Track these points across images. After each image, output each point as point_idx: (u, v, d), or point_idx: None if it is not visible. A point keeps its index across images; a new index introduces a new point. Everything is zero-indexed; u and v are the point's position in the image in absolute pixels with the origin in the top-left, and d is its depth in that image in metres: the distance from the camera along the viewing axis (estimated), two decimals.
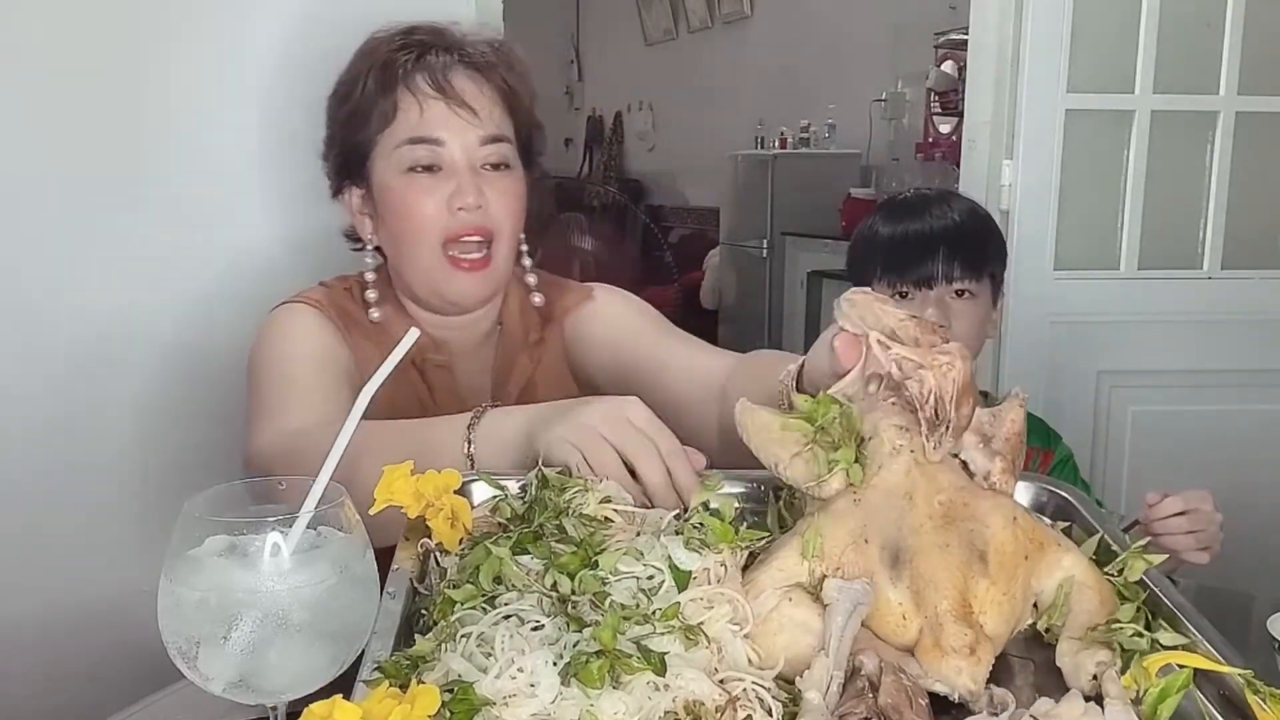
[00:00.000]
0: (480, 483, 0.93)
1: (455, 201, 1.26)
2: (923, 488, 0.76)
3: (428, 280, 1.30)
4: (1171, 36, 2.30)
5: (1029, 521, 0.78)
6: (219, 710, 0.74)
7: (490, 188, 1.28)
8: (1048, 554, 0.77)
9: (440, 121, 1.27)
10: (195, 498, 0.71)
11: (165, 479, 1.62)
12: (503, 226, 1.30)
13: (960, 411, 0.78)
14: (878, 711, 0.63)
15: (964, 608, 0.71)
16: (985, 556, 0.74)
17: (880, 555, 0.74)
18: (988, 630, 0.72)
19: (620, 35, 7.43)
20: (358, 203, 1.34)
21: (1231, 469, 2.28)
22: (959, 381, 0.77)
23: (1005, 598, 0.73)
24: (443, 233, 1.27)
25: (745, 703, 0.66)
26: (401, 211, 1.28)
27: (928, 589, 0.72)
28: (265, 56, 1.68)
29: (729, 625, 0.72)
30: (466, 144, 1.28)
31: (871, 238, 1.64)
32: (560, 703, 0.64)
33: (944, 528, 0.75)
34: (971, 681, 0.69)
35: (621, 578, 0.74)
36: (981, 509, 0.76)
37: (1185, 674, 0.66)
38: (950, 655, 0.69)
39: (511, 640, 0.68)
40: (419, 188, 1.27)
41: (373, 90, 1.28)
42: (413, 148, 1.27)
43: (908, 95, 5.11)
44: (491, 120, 1.30)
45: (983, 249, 1.61)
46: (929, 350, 0.78)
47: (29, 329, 1.54)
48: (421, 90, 1.27)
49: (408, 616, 0.77)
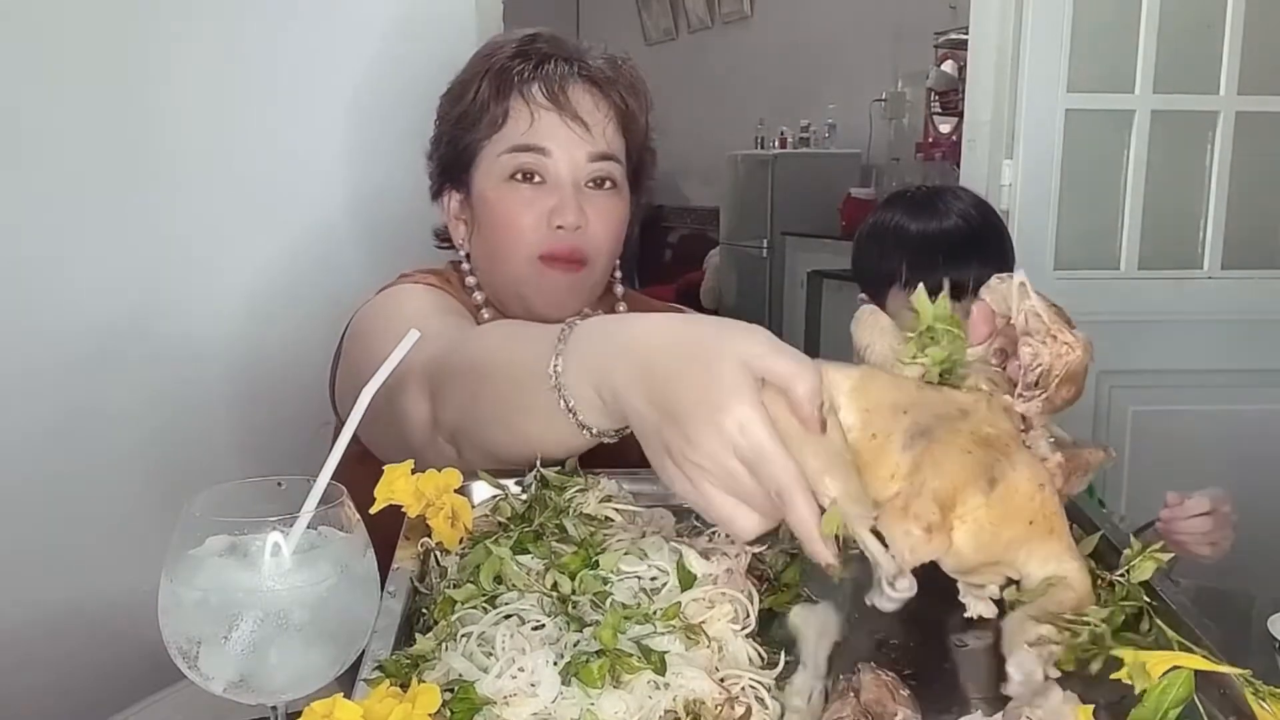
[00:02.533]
0: (480, 482, 0.93)
1: (555, 218, 1.22)
2: (981, 414, 0.76)
3: (518, 289, 1.26)
4: (1171, 36, 2.30)
5: (1055, 503, 0.77)
6: (219, 710, 0.74)
7: (592, 206, 1.24)
8: (1053, 544, 0.76)
9: (550, 132, 1.23)
10: (195, 497, 0.71)
11: (165, 479, 1.62)
12: (600, 248, 1.25)
13: (1059, 392, 0.78)
14: (862, 711, 0.64)
15: (948, 498, 0.71)
16: (994, 483, 0.73)
17: (908, 426, 0.73)
18: (956, 537, 0.71)
19: (620, 35, 7.42)
20: (455, 207, 1.31)
21: (1231, 469, 2.28)
22: (1071, 366, 0.77)
23: (990, 526, 0.73)
24: (538, 247, 1.23)
25: (743, 700, 0.66)
26: (499, 221, 1.24)
27: (928, 465, 0.72)
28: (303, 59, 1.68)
29: (730, 625, 0.72)
30: (574, 158, 1.24)
31: (895, 233, 1.59)
32: (561, 702, 0.64)
33: (976, 444, 0.74)
34: (909, 552, 0.69)
35: (624, 577, 0.74)
36: (1019, 458, 0.76)
37: (1186, 674, 0.66)
38: (909, 520, 0.69)
39: (512, 639, 0.68)
40: (519, 198, 1.24)
41: (486, 95, 1.25)
42: (517, 155, 1.24)
43: (908, 95, 5.11)
44: (603, 137, 1.26)
45: (1003, 245, 1.60)
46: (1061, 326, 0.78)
47: (32, 332, 1.54)
48: (535, 99, 1.24)
49: (408, 616, 0.77)
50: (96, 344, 1.59)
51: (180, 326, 1.65)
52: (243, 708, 0.71)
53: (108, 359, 1.60)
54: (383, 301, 1.23)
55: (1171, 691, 0.65)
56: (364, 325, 1.22)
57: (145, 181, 1.62)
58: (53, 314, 1.56)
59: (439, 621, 0.73)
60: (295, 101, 1.70)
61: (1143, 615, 0.80)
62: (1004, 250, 1.59)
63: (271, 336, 1.70)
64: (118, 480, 1.62)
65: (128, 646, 1.16)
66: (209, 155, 1.66)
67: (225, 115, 1.66)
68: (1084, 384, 0.79)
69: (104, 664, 1.44)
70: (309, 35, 1.71)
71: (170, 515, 0.71)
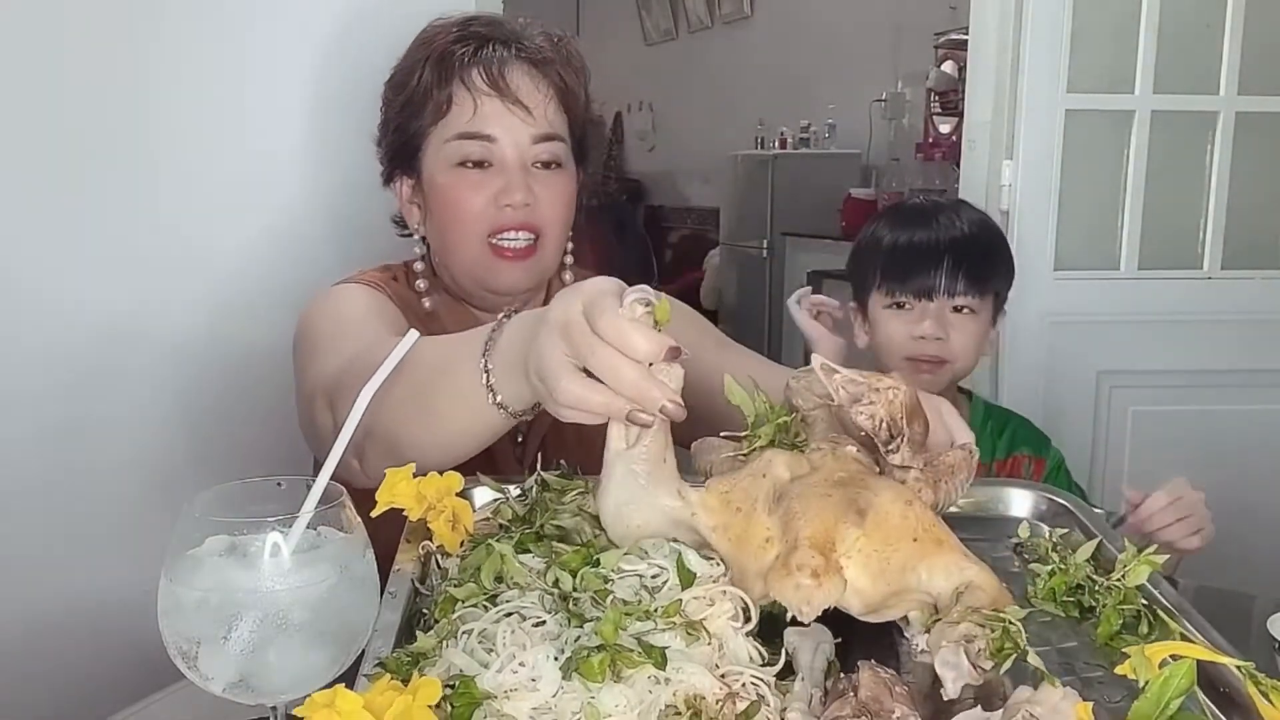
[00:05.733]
0: (481, 488, 0.94)
1: (503, 199, 1.26)
2: (829, 465, 0.81)
3: (471, 271, 1.30)
4: (1171, 36, 2.30)
5: (929, 516, 0.78)
6: (219, 710, 0.74)
7: (540, 186, 1.28)
8: (946, 555, 0.76)
9: (494, 118, 1.27)
10: (195, 498, 0.71)
11: (166, 479, 1.62)
12: (550, 224, 1.29)
13: (913, 430, 0.82)
14: (862, 708, 0.64)
15: (825, 541, 0.73)
16: (864, 514, 0.75)
17: (766, 492, 0.78)
18: (849, 575, 0.73)
19: (620, 35, 7.43)
20: (407, 192, 1.35)
21: (1231, 469, 2.28)
22: (905, 402, 0.81)
23: (876, 554, 0.74)
24: (488, 227, 1.27)
25: (745, 695, 0.66)
26: (449, 205, 1.28)
27: (796, 520, 0.74)
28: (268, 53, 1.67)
29: (730, 622, 0.72)
30: (519, 141, 1.27)
31: (874, 243, 1.60)
32: (561, 696, 0.64)
33: (833, 487, 0.78)
34: (805, 604, 0.70)
35: (624, 575, 0.75)
36: (878, 485, 0.79)
37: (1187, 664, 0.65)
38: (794, 574, 0.71)
39: (513, 635, 0.68)
40: (468, 183, 1.27)
41: (429, 81, 1.28)
42: (464, 143, 1.27)
43: (908, 95, 5.11)
44: (545, 118, 1.29)
45: (989, 265, 1.57)
46: (875, 377, 0.82)
47: (30, 334, 1.54)
48: (477, 86, 1.27)
49: (409, 617, 0.77)
50: (97, 346, 1.58)
51: (180, 328, 1.65)
52: (243, 708, 0.71)
53: (106, 360, 1.59)
54: (319, 306, 1.27)
55: (1174, 682, 0.64)
56: (301, 331, 1.26)
57: (144, 181, 1.61)
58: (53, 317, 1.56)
59: (439, 620, 0.73)
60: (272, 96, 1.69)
61: (1141, 618, 0.80)
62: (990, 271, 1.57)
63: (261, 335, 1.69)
64: (118, 482, 1.62)
65: (128, 646, 1.16)
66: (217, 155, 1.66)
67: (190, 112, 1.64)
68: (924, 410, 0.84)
69: (104, 664, 1.44)
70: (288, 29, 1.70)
71: (170, 515, 0.71)
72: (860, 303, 1.62)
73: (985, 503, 1.03)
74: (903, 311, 1.55)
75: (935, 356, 1.53)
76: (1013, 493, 1.04)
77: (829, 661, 0.73)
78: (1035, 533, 0.95)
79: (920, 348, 1.53)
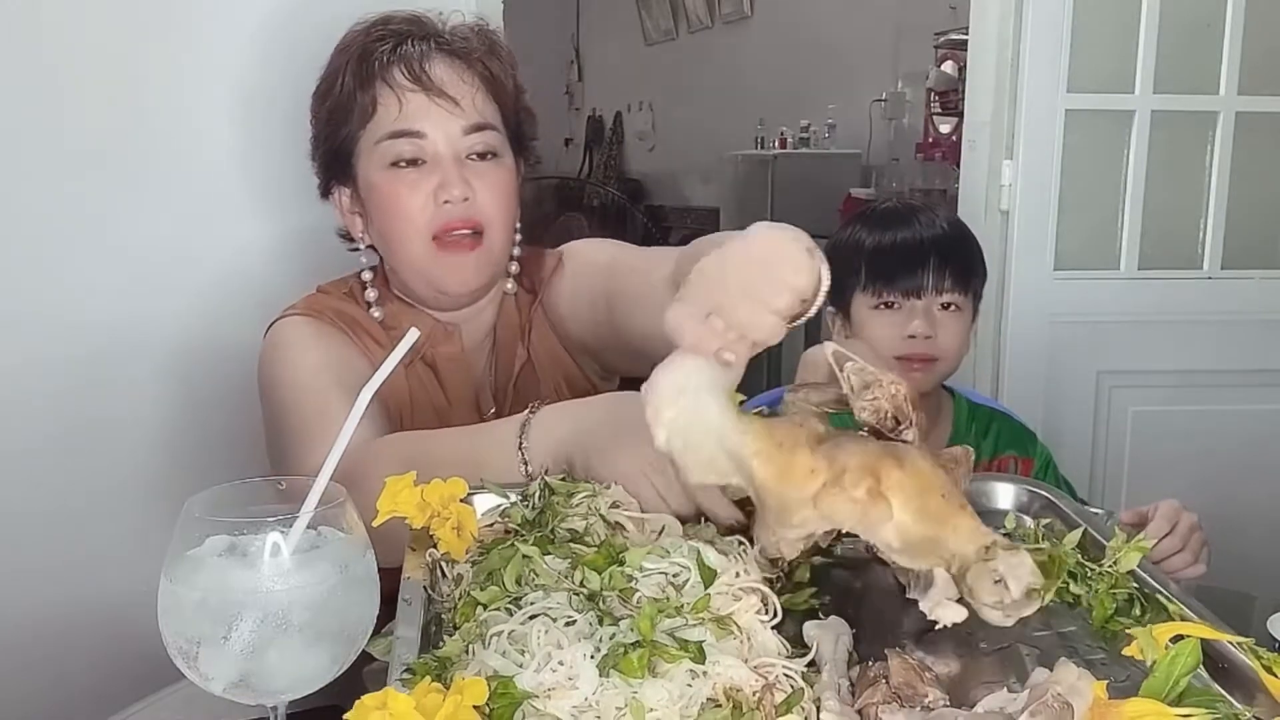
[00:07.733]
0: (483, 494, 0.94)
1: (441, 194, 1.24)
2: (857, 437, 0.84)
3: (420, 274, 1.28)
4: (1171, 36, 2.30)
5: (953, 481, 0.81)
6: (219, 710, 0.74)
7: (477, 178, 1.26)
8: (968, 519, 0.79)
9: (420, 113, 1.24)
10: (195, 498, 0.71)
11: (166, 480, 1.62)
12: (493, 217, 1.27)
13: (918, 417, 0.84)
14: (893, 695, 0.66)
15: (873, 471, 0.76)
16: (900, 460, 0.78)
17: (808, 436, 0.80)
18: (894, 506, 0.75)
19: (620, 35, 7.42)
20: (347, 202, 1.32)
21: (1231, 469, 2.29)
22: (909, 394, 0.84)
23: (917, 496, 0.76)
24: (430, 226, 1.25)
25: (781, 687, 0.67)
26: (388, 208, 1.26)
27: (840, 453, 0.77)
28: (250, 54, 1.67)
29: (757, 616, 0.73)
30: (449, 135, 1.25)
31: (855, 246, 1.59)
32: (602, 693, 0.64)
33: (871, 440, 0.82)
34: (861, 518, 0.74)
35: (649, 573, 0.76)
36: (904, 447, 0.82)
37: (1193, 642, 0.67)
38: (848, 490, 0.74)
39: (546, 635, 0.68)
40: (403, 183, 1.25)
41: (351, 85, 1.26)
42: (394, 142, 1.25)
43: (908, 95, 5.11)
44: (474, 108, 1.27)
45: (971, 261, 1.59)
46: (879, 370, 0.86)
47: (30, 336, 1.54)
48: (399, 83, 1.25)
49: (424, 625, 0.78)
50: (96, 350, 1.58)
51: (179, 330, 1.65)
52: (243, 708, 0.71)
53: (105, 361, 1.59)
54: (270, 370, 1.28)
55: (1181, 660, 0.66)
56: (262, 391, 1.28)
57: (134, 186, 1.61)
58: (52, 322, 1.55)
59: (461, 625, 0.73)
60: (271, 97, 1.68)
61: (1134, 601, 0.82)
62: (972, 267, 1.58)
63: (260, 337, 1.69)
64: (118, 482, 1.62)
65: (128, 646, 1.16)
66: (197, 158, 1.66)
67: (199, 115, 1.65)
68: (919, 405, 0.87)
69: (104, 664, 1.44)
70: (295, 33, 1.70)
71: (171, 516, 0.71)
72: (840, 307, 1.61)
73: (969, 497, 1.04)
74: (890, 311, 1.55)
75: (925, 355, 1.54)
76: (996, 486, 1.05)
77: (849, 652, 0.75)
78: (1021, 525, 0.96)
79: (910, 347, 1.53)
